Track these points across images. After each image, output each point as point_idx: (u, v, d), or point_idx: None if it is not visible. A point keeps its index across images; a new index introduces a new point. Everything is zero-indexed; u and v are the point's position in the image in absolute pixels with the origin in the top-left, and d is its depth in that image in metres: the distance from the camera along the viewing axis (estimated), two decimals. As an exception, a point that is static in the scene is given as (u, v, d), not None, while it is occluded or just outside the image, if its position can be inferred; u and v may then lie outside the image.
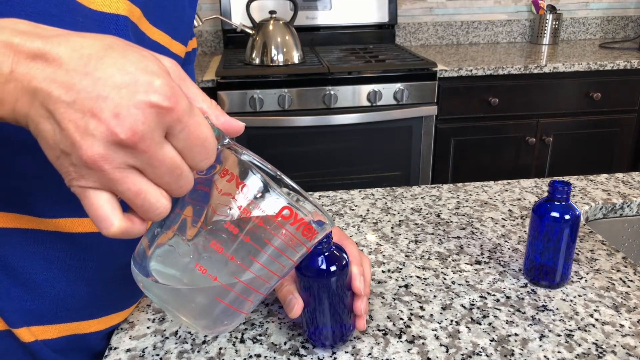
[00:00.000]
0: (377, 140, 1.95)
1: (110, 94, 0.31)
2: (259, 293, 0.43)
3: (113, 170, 0.32)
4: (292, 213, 0.40)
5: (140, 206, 0.34)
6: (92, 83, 0.31)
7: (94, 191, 0.33)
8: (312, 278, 0.51)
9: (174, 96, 0.32)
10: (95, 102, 0.31)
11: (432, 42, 2.56)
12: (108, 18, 0.47)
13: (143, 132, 0.31)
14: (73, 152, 0.32)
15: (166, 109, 0.32)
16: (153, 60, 0.33)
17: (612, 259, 0.71)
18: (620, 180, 0.95)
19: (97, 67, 0.31)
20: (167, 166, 0.33)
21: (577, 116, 2.10)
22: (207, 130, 0.35)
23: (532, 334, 0.56)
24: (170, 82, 0.32)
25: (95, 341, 0.57)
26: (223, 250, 0.40)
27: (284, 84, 1.83)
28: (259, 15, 2.18)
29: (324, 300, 0.52)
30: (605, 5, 2.61)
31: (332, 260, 0.51)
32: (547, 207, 0.62)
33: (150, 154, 0.32)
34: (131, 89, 0.31)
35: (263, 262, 0.41)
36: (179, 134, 0.33)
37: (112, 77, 0.31)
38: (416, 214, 0.84)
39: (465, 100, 2.00)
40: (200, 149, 0.34)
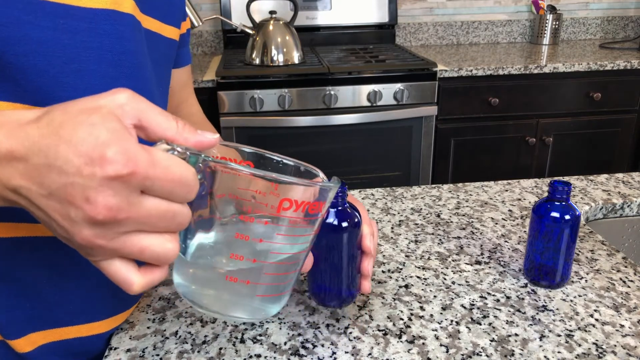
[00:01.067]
0: (377, 140, 1.95)
1: (75, 180, 0.31)
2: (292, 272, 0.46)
3: (109, 243, 0.34)
4: (291, 203, 0.41)
5: (150, 259, 0.35)
6: (57, 173, 0.32)
7: (105, 262, 0.35)
8: (323, 232, 0.50)
9: (130, 160, 0.32)
10: (65, 191, 0.32)
11: (432, 42, 2.56)
12: (96, 13, 0.47)
13: (117, 204, 0.32)
14: (70, 238, 0.34)
15: (128, 175, 0.32)
16: (100, 124, 0.32)
17: (612, 259, 0.71)
18: (620, 181, 0.95)
19: (56, 155, 0.32)
20: (156, 216, 0.34)
21: (577, 116, 2.10)
22: (179, 168, 0.34)
23: (532, 334, 0.56)
24: (121, 147, 0.32)
25: (96, 344, 0.57)
26: (250, 238, 0.43)
27: (284, 84, 1.83)
28: (259, 15, 2.18)
29: (333, 257, 0.52)
30: (606, 6, 2.61)
31: (344, 216, 0.51)
32: (547, 207, 0.62)
33: (134, 217, 0.33)
34: (89, 169, 0.31)
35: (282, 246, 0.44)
36: (153, 187, 0.33)
37: (71, 162, 0.31)
38: (416, 214, 0.84)
39: (465, 100, 2.00)
40: (180, 188, 0.34)
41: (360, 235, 0.53)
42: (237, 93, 1.81)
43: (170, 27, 0.61)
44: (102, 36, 0.48)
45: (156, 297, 0.64)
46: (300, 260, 0.47)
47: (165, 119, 0.36)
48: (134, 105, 0.34)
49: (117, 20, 0.49)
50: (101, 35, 0.48)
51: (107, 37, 0.48)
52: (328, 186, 0.43)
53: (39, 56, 0.44)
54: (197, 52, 2.44)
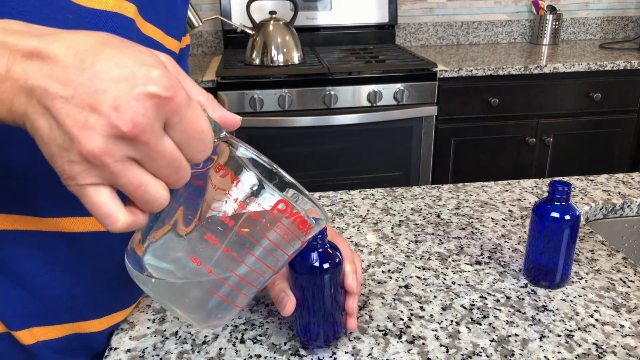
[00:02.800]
0: (377, 140, 1.95)
1: (109, 88, 0.30)
2: (253, 286, 0.43)
3: (114, 163, 0.32)
4: (288, 207, 0.40)
5: (141, 198, 0.34)
6: (90, 78, 0.31)
7: (93, 188, 0.33)
8: (305, 275, 0.51)
9: (172, 87, 0.32)
10: (93, 96, 0.30)
11: (432, 42, 2.56)
12: (98, 15, 0.48)
13: (144, 124, 0.31)
14: (72, 148, 0.31)
15: (165, 99, 0.31)
16: (149, 53, 0.33)
17: (612, 259, 0.71)
18: (620, 181, 0.95)
19: (94, 62, 0.31)
20: (167, 158, 0.33)
21: (577, 116, 2.10)
22: (205, 123, 0.35)
23: (532, 334, 0.56)
24: (167, 73, 0.32)
25: (96, 340, 0.57)
26: (218, 243, 0.40)
27: (284, 84, 1.83)
28: (259, 15, 2.18)
29: (316, 298, 0.52)
30: (605, 6, 2.61)
31: (325, 258, 0.51)
32: (547, 207, 0.62)
33: (151, 146, 0.32)
34: (129, 82, 0.31)
35: (258, 255, 0.41)
36: (177, 126, 0.33)
37: (110, 72, 0.31)
38: (416, 214, 0.84)
39: (466, 100, 2.00)
40: (197, 142, 0.34)
41: (342, 274, 0.53)
42: (237, 93, 1.81)
43: (171, 39, 0.61)
44: None
45: (156, 297, 0.64)
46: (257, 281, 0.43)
47: (198, 86, 0.36)
48: (174, 67, 0.35)
49: (117, 24, 0.49)
50: None
51: None
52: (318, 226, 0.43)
53: None
54: (197, 52, 2.44)
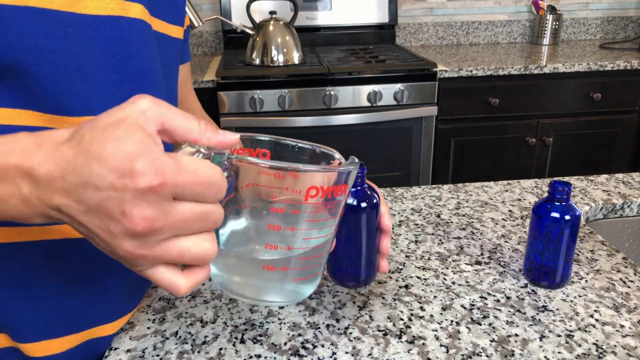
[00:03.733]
0: (378, 140, 1.95)
1: (109, 195, 0.33)
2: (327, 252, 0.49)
3: (151, 251, 0.35)
4: (317, 190, 0.43)
5: (191, 261, 0.37)
6: (93, 190, 0.33)
7: (150, 270, 0.37)
8: (343, 214, 0.50)
9: (159, 170, 0.32)
10: (102, 206, 0.33)
11: (432, 42, 2.56)
12: (104, 21, 0.48)
13: (152, 215, 0.33)
14: (113, 252, 0.35)
15: (159, 185, 0.33)
16: (126, 136, 0.33)
17: (612, 259, 0.71)
18: (620, 181, 0.95)
19: (90, 172, 0.33)
20: (191, 219, 0.35)
21: (578, 116, 2.10)
22: (207, 171, 0.35)
23: (533, 334, 0.56)
24: (149, 157, 0.32)
25: (104, 344, 0.57)
26: (282, 228, 0.45)
27: (284, 84, 1.83)
28: (259, 15, 2.18)
29: (353, 238, 0.52)
30: (606, 6, 2.61)
31: (363, 197, 0.51)
32: (547, 207, 0.62)
33: (170, 223, 0.34)
34: (121, 183, 0.32)
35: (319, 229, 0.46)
36: (184, 193, 0.34)
37: (103, 178, 0.32)
38: (416, 215, 0.84)
39: (466, 100, 2.00)
40: (209, 190, 0.35)
41: (379, 214, 0.53)
42: (237, 93, 1.81)
43: (175, 27, 0.61)
44: (107, 43, 0.49)
45: (156, 297, 0.64)
46: (330, 241, 0.49)
47: (187, 120, 0.36)
48: (156, 110, 0.35)
49: (122, 27, 0.49)
50: (106, 41, 0.48)
51: (112, 43, 0.49)
52: (349, 169, 0.45)
53: (51, 65, 0.45)
54: (197, 52, 2.44)
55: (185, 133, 0.36)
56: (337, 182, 0.44)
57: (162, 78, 0.56)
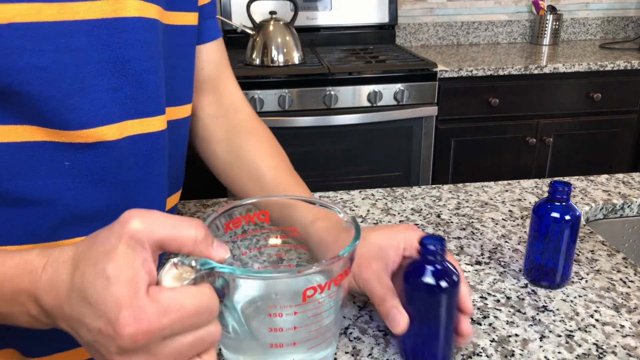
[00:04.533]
0: (378, 140, 1.95)
1: (99, 339, 0.34)
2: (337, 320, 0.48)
3: None
4: (315, 289, 0.42)
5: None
6: (87, 330, 0.34)
7: None
8: (421, 292, 0.47)
9: (144, 319, 0.33)
10: (95, 346, 0.35)
11: (433, 42, 2.56)
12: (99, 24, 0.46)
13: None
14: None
15: (143, 336, 0.33)
16: (115, 278, 0.33)
17: (612, 259, 0.71)
18: (620, 181, 0.95)
19: (83, 313, 0.34)
20: (185, 350, 0.35)
21: (578, 117, 2.10)
22: (192, 301, 0.35)
23: (533, 334, 0.56)
24: (134, 305, 0.33)
25: None
26: (284, 329, 0.44)
27: (284, 84, 1.83)
28: (259, 15, 2.18)
29: (429, 318, 0.48)
30: (606, 6, 2.61)
31: (443, 275, 0.47)
32: (547, 207, 0.62)
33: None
34: (108, 331, 0.33)
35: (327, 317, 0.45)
36: (172, 332, 0.34)
37: (93, 323, 0.34)
38: (416, 215, 0.84)
39: (466, 100, 2.00)
40: (199, 318, 0.35)
41: (459, 293, 0.49)
42: (237, 93, 1.81)
43: (191, 14, 0.59)
44: (103, 47, 0.47)
45: (156, 297, 0.64)
46: (339, 313, 0.47)
47: (180, 234, 0.36)
48: (146, 231, 0.35)
49: (118, 28, 0.47)
50: (102, 46, 0.47)
51: (108, 47, 0.47)
52: (351, 253, 0.43)
53: (44, 82, 0.44)
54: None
55: (178, 248, 0.36)
56: (336, 272, 0.42)
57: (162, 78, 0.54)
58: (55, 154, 0.47)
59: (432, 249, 0.47)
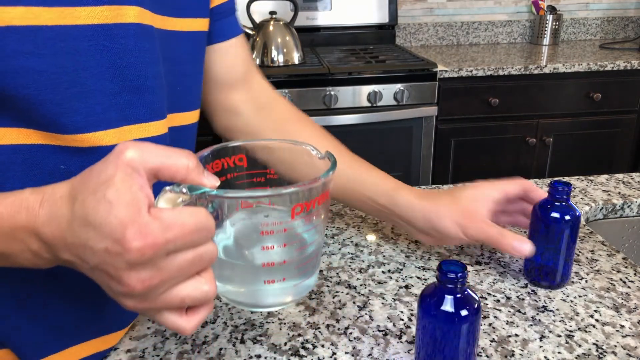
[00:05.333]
0: (378, 140, 1.95)
1: (106, 260, 0.35)
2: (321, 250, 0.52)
3: (152, 304, 0.37)
4: (302, 207, 0.45)
5: (193, 304, 0.39)
6: (91, 253, 0.35)
7: (156, 316, 0.39)
8: (440, 322, 0.46)
9: (149, 235, 0.34)
10: (102, 267, 0.35)
11: (433, 42, 2.56)
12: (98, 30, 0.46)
13: (149, 276, 0.35)
14: (122, 303, 0.38)
15: (150, 250, 0.34)
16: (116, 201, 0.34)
17: (612, 259, 0.71)
18: (620, 181, 0.95)
19: (87, 237, 0.35)
20: (186, 267, 0.37)
21: (578, 117, 2.10)
22: (193, 219, 0.36)
23: (533, 334, 0.56)
24: (138, 223, 0.34)
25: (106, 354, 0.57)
26: (275, 247, 0.47)
27: (284, 84, 1.83)
28: (259, 15, 2.18)
29: (451, 348, 0.46)
30: (606, 6, 2.61)
31: (465, 304, 0.45)
32: (547, 207, 0.62)
33: (167, 277, 0.36)
34: (115, 250, 0.34)
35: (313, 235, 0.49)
36: (175, 247, 0.36)
37: (98, 245, 0.35)
38: (416, 215, 0.84)
39: (466, 100, 2.01)
40: (199, 235, 0.37)
41: (480, 320, 0.47)
42: (237, 93, 1.81)
43: (200, 20, 0.59)
44: (102, 53, 0.47)
45: (156, 297, 0.64)
46: (322, 239, 0.51)
47: (172, 162, 0.37)
48: (141, 159, 0.36)
49: (118, 34, 0.47)
50: (101, 52, 0.47)
51: (107, 53, 0.47)
52: (329, 177, 0.47)
53: (41, 86, 0.44)
54: None
55: (172, 175, 0.37)
56: (319, 192, 0.46)
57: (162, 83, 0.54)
58: (51, 158, 0.47)
59: (452, 277, 0.45)
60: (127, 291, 0.35)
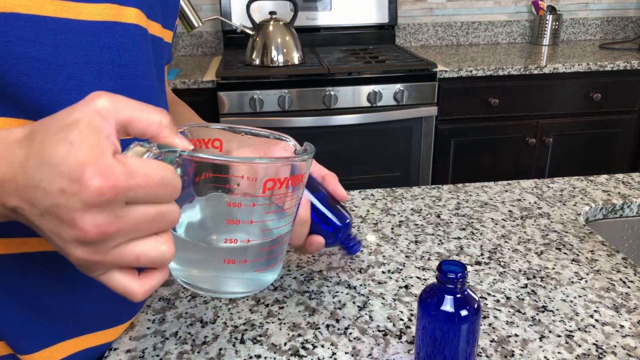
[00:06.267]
0: (377, 141, 1.95)
1: (59, 202, 0.32)
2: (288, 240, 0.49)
3: (104, 257, 0.34)
4: (274, 182, 0.43)
5: (148, 264, 0.36)
6: (43, 194, 0.32)
7: (105, 276, 0.36)
8: (440, 321, 0.45)
9: (110, 177, 0.32)
10: (53, 211, 0.32)
11: (432, 42, 2.56)
12: (98, 26, 0.47)
13: (104, 221, 0.32)
14: (67, 255, 0.34)
15: (109, 192, 0.32)
16: (79, 142, 0.32)
17: (612, 259, 0.71)
18: (620, 181, 0.95)
19: (40, 177, 0.32)
20: (145, 222, 0.34)
21: (577, 117, 2.10)
22: (159, 172, 0.34)
23: (532, 334, 0.56)
24: (100, 164, 0.32)
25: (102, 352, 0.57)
26: (240, 222, 0.45)
27: (284, 84, 1.83)
28: (259, 16, 2.18)
29: (450, 348, 0.47)
30: (605, 6, 2.61)
31: (464, 304, 0.45)
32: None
33: (123, 228, 0.33)
34: (71, 190, 0.32)
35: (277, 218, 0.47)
36: (137, 197, 0.33)
37: (53, 184, 0.32)
38: (416, 215, 0.84)
39: (465, 100, 2.01)
40: (163, 190, 0.35)
41: (480, 320, 0.46)
42: (237, 94, 1.81)
43: (169, 32, 0.61)
44: (102, 49, 0.47)
45: (156, 297, 0.64)
46: (290, 229, 0.49)
47: (146, 116, 0.36)
48: (112, 108, 0.34)
49: (118, 32, 0.48)
50: (102, 48, 0.47)
51: (107, 50, 0.48)
52: (304, 158, 0.45)
53: (40, 74, 0.44)
54: (197, 52, 2.44)
55: (143, 130, 0.36)
56: (293, 172, 0.45)
57: (156, 83, 0.55)
58: None
59: (452, 277, 0.45)
60: (79, 236, 0.33)
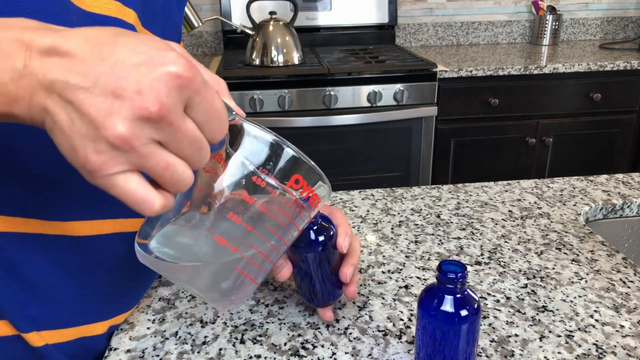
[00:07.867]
0: (377, 141, 1.95)
1: (130, 74, 0.31)
2: (270, 262, 0.45)
3: (142, 146, 0.32)
4: (302, 181, 0.42)
5: (169, 179, 0.34)
6: (110, 67, 0.31)
7: (123, 176, 0.33)
8: (440, 321, 0.46)
9: (191, 67, 0.33)
10: (116, 82, 0.31)
11: (432, 42, 2.56)
12: (99, 20, 0.47)
13: (168, 104, 0.32)
14: (97, 136, 0.31)
15: (186, 79, 0.32)
16: (161, 41, 0.34)
17: (612, 259, 0.71)
18: (620, 181, 0.95)
19: (112, 52, 0.32)
20: (190, 139, 0.34)
21: (577, 117, 2.10)
22: (221, 104, 0.36)
23: (532, 334, 0.56)
24: (184, 54, 0.33)
25: (99, 342, 0.57)
26: (241, 221, 0.41)
27: (284, 84, 1.83)
28: (259, 16, 2.18)
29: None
30: (605, 6, 2.61)
31: (464, 304, 0.46)
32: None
33: (175, 127, 0.33)
34: (149, 66, 0.31)
35: (277, 231, 0.43)
36: (198, 106, 0.34)
37: (129, 59, 0.31)
38: (416, 215, 0.84)
39: (465, 101, 2.01)
40: (217, 122, 0.35)
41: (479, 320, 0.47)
42: (237, 94, 1.81)
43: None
44: None
45: (156, 297, 0.64)
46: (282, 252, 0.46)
47: (208, 72, 0.38)
48: (187, 53, 0.36)
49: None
50: None
51: None
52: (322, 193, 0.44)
53: None
54: (197, 52, 2.44)
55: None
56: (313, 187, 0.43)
57: None
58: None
59: (452, 277, 0.45)
60: (140, 107, 0.31)
